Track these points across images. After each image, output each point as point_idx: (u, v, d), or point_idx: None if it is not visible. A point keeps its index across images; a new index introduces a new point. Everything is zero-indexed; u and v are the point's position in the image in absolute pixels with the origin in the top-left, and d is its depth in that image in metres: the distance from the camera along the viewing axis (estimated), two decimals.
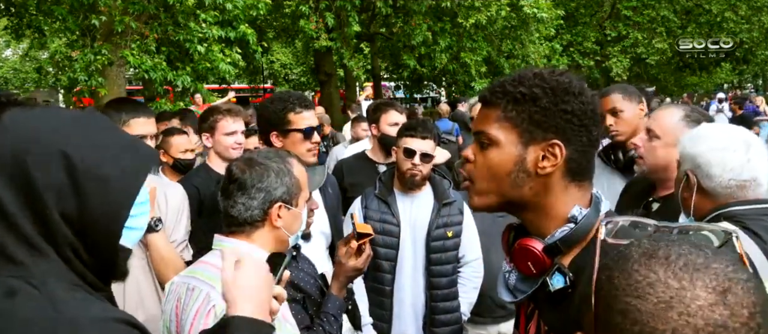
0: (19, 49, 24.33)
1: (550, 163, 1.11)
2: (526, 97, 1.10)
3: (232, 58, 8.87)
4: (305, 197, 1.70)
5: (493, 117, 1.14)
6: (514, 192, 1.13)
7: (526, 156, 1.12)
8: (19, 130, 0.97)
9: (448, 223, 2.83)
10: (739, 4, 20.74)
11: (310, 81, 27.57)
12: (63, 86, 10.30)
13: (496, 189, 1.14)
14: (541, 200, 1.13)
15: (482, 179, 1.16)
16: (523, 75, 1.13)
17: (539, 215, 1.14)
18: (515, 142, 1.12)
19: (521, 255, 1.12)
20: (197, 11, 8.36)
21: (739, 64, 24.71)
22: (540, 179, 1.12)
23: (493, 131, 1.14)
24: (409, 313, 2.85)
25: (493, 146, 1.14)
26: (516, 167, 1.12)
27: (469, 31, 13.82)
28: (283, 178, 1.63)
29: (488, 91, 1.17)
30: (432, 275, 2.82)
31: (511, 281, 1.20)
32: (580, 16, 21.85)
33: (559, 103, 1.09)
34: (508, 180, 1.13)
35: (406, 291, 2.83)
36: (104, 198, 0.96)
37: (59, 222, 0.95)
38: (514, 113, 1.12)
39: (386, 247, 2.80)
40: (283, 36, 19.73)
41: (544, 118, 1.10)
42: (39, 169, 0.94)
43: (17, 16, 11.31)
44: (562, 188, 1.13)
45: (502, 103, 1.13)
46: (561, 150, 1.10)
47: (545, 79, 1.11)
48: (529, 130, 1.11)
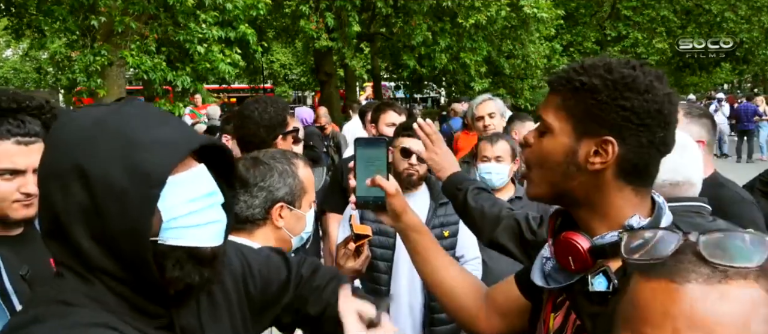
0: (19, 49, 24.33)
1: (601, 159, 1.05)
2: (585, 88, 1.05)
3: (232, 59, 8.87)
4: (310, 200, 1.70)
5: (553, 104, 1.10)
6: (565, 184, 1.09)
7: (578, 149, 1.07)
8: (52, 140, 0.95)
9: (445, 222, 2.83)
10: (739, 4, 20.75)
11: (310, 81, 27.58)
12: (63, 86, 10.30)
13: (549, 178, 1.11)
14: (592, 198, 1.08)
15: (535, 165, 1.13)
16: (592, 63, 1.07)
17: (590, 213, 1.09)
18: (569, 133, 1.08)
19: (564, 248, 1.08)
20: (197, 11, 8.37)
21: (739, 64, 24.72)
22: (590, 175, 1.07)
23: (549, 118, 1.10)
24: (407, 313, 2.85)
25: (548, 134, 1.10)
26: (566, 158, 1.08)
27: (469, 31, 13.83)
28: (287, 179, 1.62)
29: (555, 77, 1.12)
30: None
31: (547, 268, 1.16)
32: (580, 16, 21.87)
33: (618, 99, 1.03)
34: (558, 171, 1.09)
35: (403, 291, 2.83)
36: (124, 214, 0.88)
37: (89, 246, 0.90)
38: (572, 102, 1.07)
39: (382, 247, 2.80)
40: (283, 36, 19.73)
41: (601, 112, 1.04)
42: (60, 190, 0.90)
43: (17, 16, 11.32)
44: (616, 188, 1.07)
45: (563, 90, 1.09)
46: (613, 148, 1.04)
47: (611, 70, 1.04)
48: (585, 123, 1.06)
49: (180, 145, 0.94)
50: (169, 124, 0.96)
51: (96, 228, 0.89)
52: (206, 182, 0.99)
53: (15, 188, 1.58)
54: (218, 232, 1.00)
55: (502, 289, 1.44)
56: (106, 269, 0.91)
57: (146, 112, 0.96)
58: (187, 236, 0.95)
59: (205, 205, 0.97)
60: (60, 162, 0.91)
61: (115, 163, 0.89)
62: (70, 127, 0.93)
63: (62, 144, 0.92)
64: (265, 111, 2.48)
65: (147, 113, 0.96)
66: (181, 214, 0.94)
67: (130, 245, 0.89)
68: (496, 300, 1.44)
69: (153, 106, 1.02)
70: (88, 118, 0.93)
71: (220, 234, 1.00)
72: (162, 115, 0.98)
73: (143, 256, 0.90)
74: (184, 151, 0.94)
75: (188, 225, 0.95)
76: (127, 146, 0.90)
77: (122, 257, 0.90)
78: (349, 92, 19.78)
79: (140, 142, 0.90)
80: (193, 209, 0.95)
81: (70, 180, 0.89)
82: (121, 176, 0.88)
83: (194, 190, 0.96)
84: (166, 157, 0.91)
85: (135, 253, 0.90)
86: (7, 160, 1.56)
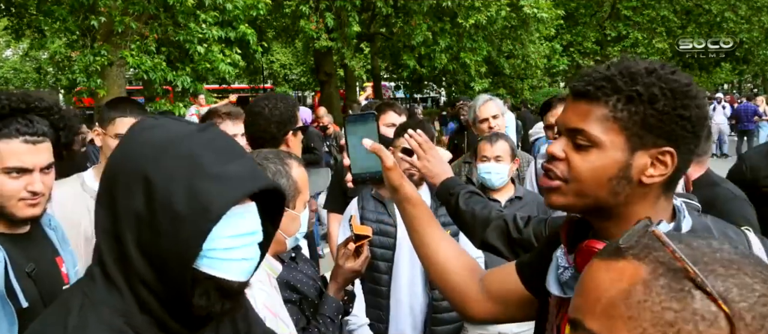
0: (19, 49, 24.33)
1: (659, 172, 1.01)
2: (643, 98, 0.98)
3: (232, 59, 8.88)
4: (304, 200, 1.69)
5: (597, 115, 1.01)
6: (610, 199, 1.03)
7: (631, 162, 1.01)
8: (124, 145, 0.97)
9: (446, 223, 2.82)
10: (739, 4, 20.75)
11: (310, 81, 27.59)
12: (63, 86, 10.31)
13: (593, 193, 1.04)
14: (629, 209, 1.04)
15: (580, 180, 1.04)
16: (634, 70, 1.00)
17: (619, 223, 1.04)
18: (622, 147, 1.00)
19: (587, 257, 1.01)
20: (197, 11, 8.37)
21: (739, 64, 24.72)
22: (641, 187, 1.02)
23: (595, 131, 1.01)
24: (407, 313, 2.85)
25: (594, 148, 1.02)
26: (619, 173, 1.01)
27: (469, 31, 13.83)
28: (280, 179, 1.62)
29: (591, 85, 1.02)
30: (433, 284, 2.82)
31: (564, 277, 1.12)
32: (580, 16, 21.87)
33: (678, 108, 0.98)
34: (608, 186, 1.02)
35: (404, 292, 2.83)
36: (175, 236, 0.90)
37: (135, 254, 0.92)
38: (625, 114, 0.99)
39: (383, 247, 2.80)
40: (283, 36, 19.74)
41: (660, 122, 0.98)
42: (123, 192, 0.93)
43: (17, 16, 11.34)
44: (655, 198, 1.04)
45: (610, 100, 1.00)
46: (673, 159, 0.99)
47: (663, 78, 0.99)
48: (640, 135, 0.99)
49: (244, 184, 0.95)
50: (238, 160, 0.97)
51: (146, 239, 0.91)
52: (252, 221, 1.01)
53: (22, 186, 1.61)
54: (249, 269, 1.02)
55: (499, 275, 1.41)
56: (145, 279, 0.93)
57: (220, 142, 0.99)
58: (220, 267, 0.97)
59: (245, 242, 0.99)
60: (129, 168, 0.93)
61: (179, 185, 0.90)
62: (146, 136, 0.96)
63: (135, 151, 0.94)
64: (276, 107, 2.47)
65: (221, 144, 0.98)
66: (220, 246, 0.95)
67: (173, 265, 0.91)
68: (491, 285, 1.41)
69: (229, 138, 1.03)
70: (164, 133, 0.96)
71: (249, 271, 1.02)
72: (234, 149, 1.00)
73: (183, 279, 0.92)
74: (247, 191, 0.95)
75: (224, 258, 0.96)
76: (194, 172, 0.91)
77: (163, 273, 0.92)
78: (349, 92, 19.78)
79: (207, 171, 0.92)
80: (233, 245, 0.97)
81: (135, 188, 0.92)
82: (181, 198, 0.90)
83: (240, 227, 0.97)
84: (228, 195, 0.92)
85: (176, 274, 0.92)
86: (15, 159, 1.59)
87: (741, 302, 0.61)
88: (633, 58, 1.06)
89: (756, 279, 0.62)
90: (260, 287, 1.51)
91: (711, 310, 0.61)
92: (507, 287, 1.37)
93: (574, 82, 1.07)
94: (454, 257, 1.47)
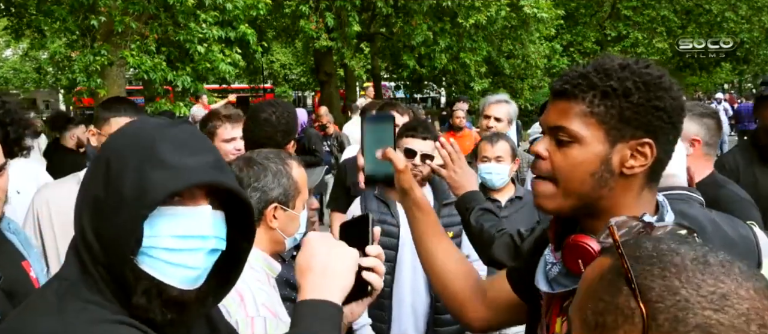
0: (19, 49, 24.34)
1: (639, 163, 1.05)
2: (617, 92, 1.02)
3: (232, 59, 8.87)
4: (304, 200, 1.69)
5: (576, 112, 1.05)
6: (595, 193, 1.07)
7: (611, 155, 1.05)
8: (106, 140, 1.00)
9: (449, 224, 2.83)
10: (739, 4, 20.76)
11: (310, 81, 27.59)
12: (63, 86, 10.31)
13: (578, 189, 1.07)
14: (613, 203, 1.07)
15: (562, 179, 1.08)
16: (608, 66, 1.05)
17: (606, 218, 1.06)
18: (602, 140, 1.04)
19: (573, 252, 1.05)
20: (197, 11, 8.37)
21: (739, 64, 24.72)
22: (623, 179, 1.06)
23: (575, 127, 1.05)
24: (409, 314, 2.85)
25: (575, 143, 1.06)
26: (601, 166, 1.05)
27: (469, 31, 13.83)
28: (281, 179, 1.62)
29: (567, 83, 1.07)
30: None
31: (552, 273, 1.15)
32: (580, 16, 21.87)
33: (652, 100, 1.02)
34: (591, 181, 1.06)
35: (406, 292, 2.83)
36: (116, 220, 0.89)
37: (91, 237, 0.91)
38: (601, 109, 1.04)
39: (385, 248, 2.79)
40: (283, 36, 19.73)
41: (636, 115, 1.02)
42: (90, 178, 0.95)
43: (17, 16, 11.34)
44: (639, 190, 1.08)
45: (587, 96, 1.04)
46: (652, 150, 1.04)
47: (636, 72, 1.03)
48: (618, 128, 1.04)
49: (190, 175, 0.90)
50: (199, 155, 0.93)
51: (96, 222, 0.91)
52: (203, 225, 0.94)
53: None
54: (192, 278, 0.95)
55: (494, 283, 1.45)
56: (100, 266, 0.91)
57: (186, 137, 0.95)
58: (159, 268, 0.92)
59: (190, 246, 0.93)
60: (98, 156, 0.96)
61: (130, 169, 0.89)
62: (123, 129, 0.98)
63: (108, 142, 0.97)
64: (283, 116, 2.47)
65: (185, 138, 0.95)
66: (161, 245, 0.91)
67: (114, 251, 0.89)
68: (486, 292, 1.44)
69: (200, 137, 1.01)
70: (138, 126, 0.97)
71: (192, 280, 0.95)
72: (200, 146, 0.96)
73: (122, 268, 0.90)
74: (187, 182, 0.90)
75: (164, 259, 0.92)
76: (146, 160, 0.90)
77: (109, 260, 0.90)
78: (349, 92, 19.77)
79: (160, 158, 0.90)
80: (175, 247, 0.92)
81: (98, 172, 0.92)
82: (128, 182, 0.88)
83: (185, 227, 0.92)
84: (169, 183, 0.88)
85: (116, 261, 0.90)
86: None
87: (658, 302, 0.64)
88: (607, 55, 1.09)
89: (688, 286, 0.64)
90: (260, 287, 1.51)
91: (630, 306, 0.66)
92: (499, 293, 1.41)
93: (554, 82, 1.11)
94: (454, 266, 1.49)
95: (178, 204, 0.92)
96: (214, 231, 0.95)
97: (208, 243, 0.95)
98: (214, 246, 0.96)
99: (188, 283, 0.95)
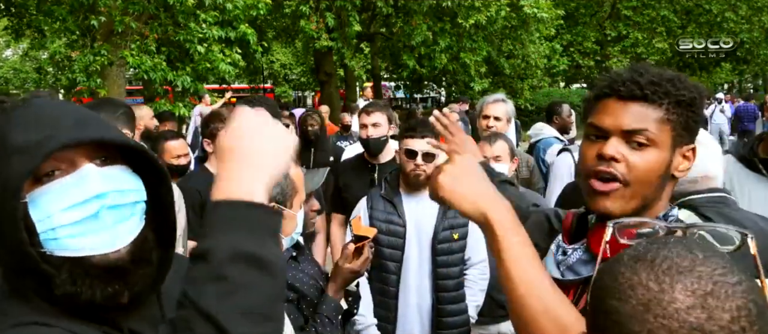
0: (19, 49, 24.35)
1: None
2: (686, 102, 1.11)
3: (232, 58, 8.87)
4: (301, 199, 1.69)
5: (653, 117, 1.10)
6: (654, 194, 1.13)
7: (672, 159, 1.13)
8: None
9: (454, 225, 2.82)
10: (739, 4, 20.75)
11: (310, 81, 27.57)
12: (63, 86, 10.31)
13: (647, 191, 1.12)
14: (655, 202, 1.15)
15: (636, 181, 1.11)
16: (676, 77, 1.13)
17: (642, 214, 1.13)
18: (670, 145, 1.12)
19: (600, 239, 1.04)
20: (197, 11, 8.37)
21: (739, 64, 24.71)
22: (671, 181, 1.16)
23: (653, 131, 1.10)
24: (415, 314, 2.85)
25: (651, 147, 1.10)
26: (666, 170, 1.13)
27: (469, 31, 13.83)
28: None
29: (644, 89, 1.10)
30: (439, 278, 2.82)
31: (570, 260, 1.21)
32: (580, 16, 21.86)
33: (698, 110, 1.14)
34: (657, 183, 1.12)
35: (412, 292, 2.83)
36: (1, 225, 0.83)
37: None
38: (674, 116, 1.10)
39: (391, 247, 2.80)
40: (283, 36, 19.74)
41: (694, 123, 1.13)
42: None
43: (17, 16, 11.34)
44: (670, 190, 1.18)
45: (664, 103, 1.10)
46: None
47: (690, 85, 1.14)
48: (681, 134, 1.12)
49: (39, 149, 0.84)
50: (53, 122, 0.87)
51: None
52: (92, 184, 0.87)
53: None
54: (106, 241, 0.87)
55: None
56: (14, 270, 0.87)
57: (36, 112, 0.89)
58: (70, 246, 0.86)
59: (88, 212, 0.86)
60: None
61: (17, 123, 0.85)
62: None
63: None
64: None
65: (35, 114, 0.88)
66: (58, 224, 0.85)
67: (10, 259, 0.84)
68: None
69: (59, 101, 0.95)
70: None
71: (108, 243, 0.88)
72: (56, 112, 0.89)
73: (28, 271, 0.84)
74: (39, 158, 0.83)
75: (68, 235, 0.85)
76: (1, 154, 0.85)
77: (15, 272, 0.86)
78: (349, 92, 19.77)
79: (9, 145, 0.84)
80: (71, 220, 0.85)
81: None
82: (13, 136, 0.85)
83: (72, 196, 0.86)
84: (23, 165, 0.83)
85: (19, 268, 0.85)
86: None
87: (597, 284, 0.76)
88: (639, 62, 1.17)
89: (638, 277, 0.70)
90: None
91: None
92: None
93: (617, 84, 1.12)
94: None
95: (54, 178, 0.87)
96: (109, 186, 0.88)
97: (106, 200, 0.87)
98: (115, 201, 0.88)
99: (105, 247, 0.87)
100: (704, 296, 0.66)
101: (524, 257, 1.02)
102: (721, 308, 0.66)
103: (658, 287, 0.68)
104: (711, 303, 0.66)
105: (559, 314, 0.97)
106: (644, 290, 0.68)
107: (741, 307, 0.66)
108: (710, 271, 0.68)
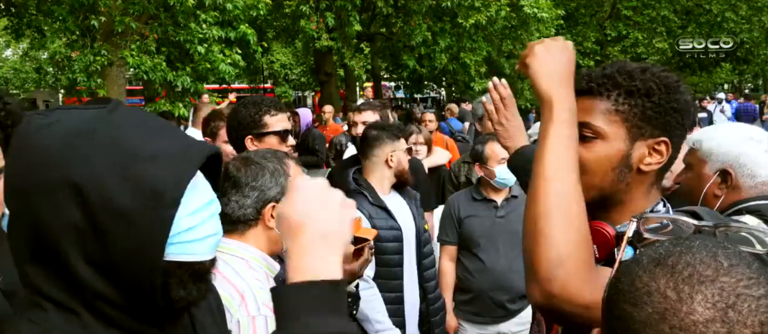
0: (19, 49, 24.34)
1: (656, 160, 1.11)
2: (640, 92, 1.09)
3: (232, 59, 8.88)
4: None
5: (600, 109, 1.11)
6: (613, 188, 1.12)
7: (632, 152, 1.10)
8: (21, 154, 0.82)
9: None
10: (739, 4, 20.73)
11: (310, 81, 27.56)
12: (63, 86, 10.31)
13: (598, 184, 1.12)
14: (628, 197, 1.13)
15: (587, 170, 1.11)
16: (630, 69, 1.11)
17: (621, 210, 1.13)
18: (623, 137, 1.10)
19: (593, 236, 1.07)
20: (197, 11, 8.37)
21: (739, 64, 24.69)
22: (639, 175, 1.12)
23: (600, 124, 1.10)
24: (414, 314, 2.88)
25: (599, 139, 1.11)
26: (622, 162, 1.11)
27: (469, 31, 13.82)
28: (278, 178, 1.62)
29: (592, 81, 1.12)
30: (426, 278, 2.90)
31: None
32: (580, 16, 21.84)
33: (671, 101, 1.09)
34: (612, 175, 1.11)
35: (409, 292, 2.85)
36: (129, 236, 0.79)
37: (83, 270, 0.80)
38: (625, 107, 1.09)
39: (393, 253, 2.78)
40: (283, 36, 19.71)
41: (656, 114, 1.09)
42: (46, 209, 0.79)
43: (17, 16, 11.32)
44: (650, 186, 1.14)
45: (612, 95, 1.10)
46: (668, 148, 1.10)
47: (656, 74, 1.10)
48: (639, 126, 1.10)
49: (190, 158, 0.84)
50: (166, 134, 0.86)
51: (94, 251, 0.80)
52: (206, 190, 0.90)
53: None
54: (216, 244, 0.93)
55: None
56: (100, 292, 0.82)
57: (138, 118, 0.86)
58: (189, 250, 0.87)
59: (206, 215, 0.89)
60: (43, 178, 0.79)
61: (113, 180, 0.78)
62: (45, 137, 0.81)
63: (44, 154, 0.80)
64: (237, 112, 2.44)
65: (139, 120, 0.85)
66: (183, 228, 0.85)
67: (137, 267, 0.81)
68: None
69: (141, 110, 0.92)
70: (66, 127, 0.81)
71: (215, 246, 0.93)
72: (155, 122, 0.88)
73: (152, 278, 0.82)
74: (196, 164, 0.84)
75: (191, 240, 0.86)
76: (126, 160, 0.79)
77: (124, 281, 0.82)
78: (349, 92, 19.77)
79: (140, 154, 0.80)
80: (195, 223, 0.87)
81: (62, 198, 0.78)
82: (122, 193, 0.78)
83: (196, 201, 0.87)
84: (180, 174, 0.82)
85: (142, 276, 0.81)
86: None
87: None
88: (625, 60, 1.15)
89: (645, 277, 0.67)
90: (260, 286, 1.51)
91: None
92: None
93: (576, 80, 1.14)
94: None
95: None
96: (213, 193, 0.94)
97: (215, 206, 0.93)
98: (219, 207, 0.94)
99: (214, 250, 0.93)
100: (725, 310, 0.62)
101: (565, 149, 1.04)
102: (743, 324, 0.61)
103: (677, 296, 0.64)
104: (732, 317, 0.61)
105: (569, 225, 0.98)
106: (661, 298, 0.64)
107: (765, 323, 0.61)
108: (734, 282, 0.63)
